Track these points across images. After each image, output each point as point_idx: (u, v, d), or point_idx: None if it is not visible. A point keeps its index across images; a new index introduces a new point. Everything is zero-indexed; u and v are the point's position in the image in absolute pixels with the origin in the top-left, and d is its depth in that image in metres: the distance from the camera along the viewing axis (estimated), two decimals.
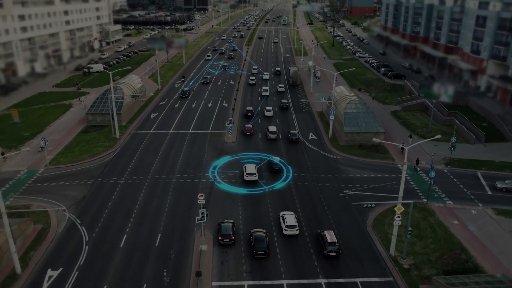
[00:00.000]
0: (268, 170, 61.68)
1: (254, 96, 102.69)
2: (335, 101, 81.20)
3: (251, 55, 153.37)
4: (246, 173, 58.31)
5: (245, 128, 75.86)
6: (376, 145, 70.85)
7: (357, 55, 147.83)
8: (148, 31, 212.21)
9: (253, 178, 57.87)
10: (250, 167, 59.36)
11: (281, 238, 46.19)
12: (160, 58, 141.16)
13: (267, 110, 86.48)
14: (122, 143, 71.15)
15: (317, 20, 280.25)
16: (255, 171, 58.60)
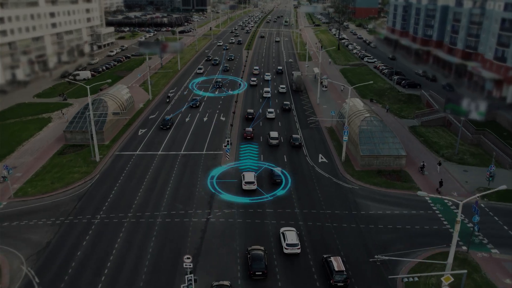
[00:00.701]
0: (269, 181, 57.57)
1: (256, 98, 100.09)
2: (347, 116, 71.37)
3: (251, 59, 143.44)
4: (244, 181, 54.88)
5: (245, 132, 73.20)
6: (397, 170, 61.04)
7: (365, 60, 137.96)
8: (143, 33, 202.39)
9: (252, 187, 54.52)
10: (248, 175, 55.97)
11: (281, 257, 42.18)
12: (154, 63, 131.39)
13: (269, 112, 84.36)
14: (102, 169, 61.27)
15: (319, 21, 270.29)
16: (254, 179, 55.17)
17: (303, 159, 65.08)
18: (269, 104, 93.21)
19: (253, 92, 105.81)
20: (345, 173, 60.25)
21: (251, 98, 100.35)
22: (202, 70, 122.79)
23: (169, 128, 76.79)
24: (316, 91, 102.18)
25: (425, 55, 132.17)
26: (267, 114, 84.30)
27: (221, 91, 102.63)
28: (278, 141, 70.06)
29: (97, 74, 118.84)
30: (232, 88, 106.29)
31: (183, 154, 66.13)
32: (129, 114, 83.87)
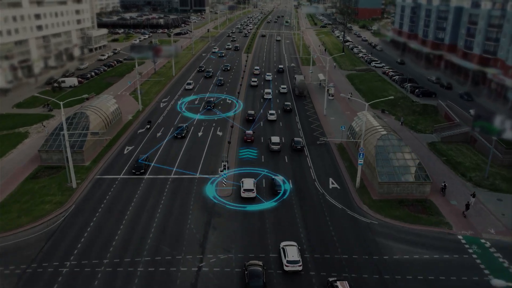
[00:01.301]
0: (270, 191, 54.43)
1: (256, 98, 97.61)
2: (360, 133, 62.96)
3: (250, 68, 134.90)
4: (243, 188, 52.50)
5: (246, 135, 71.00)
6: (421, 199, 52.66)
7: (372, 65, 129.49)
8: (138, 35, 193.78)
9: (251, 194, 52.08)
10: (247, 182, 53.61)
11: (282, 274, 39.16)
12: (147, 69, 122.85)
13: (270, 114, 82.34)
14: (78, 197, 52.79)
15: (321, 22, 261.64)
16: (253, 186, 52.78)
17: (311, 183, 56.65)
18: (270, 106, 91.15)
19: (254, 92, 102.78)
20: (361, 203, 51.80)
21: (252, 99, 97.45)
22: (191, 86, 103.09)
23: (142, 172, 58.43)
24: (321, 100, 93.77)
25: (436, 59, 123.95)
26: (268, 116, 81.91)
27: (212, 113, 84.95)
28: (279, 146, 66.80)
29: (85, 81, 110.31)
30: (226, 109, 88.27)
31: (173, 179, 57.62)
32: (116, 127, 75.41)
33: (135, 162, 60.38)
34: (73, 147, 61.61)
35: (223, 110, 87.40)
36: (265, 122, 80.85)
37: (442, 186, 54.38)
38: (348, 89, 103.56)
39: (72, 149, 61.17)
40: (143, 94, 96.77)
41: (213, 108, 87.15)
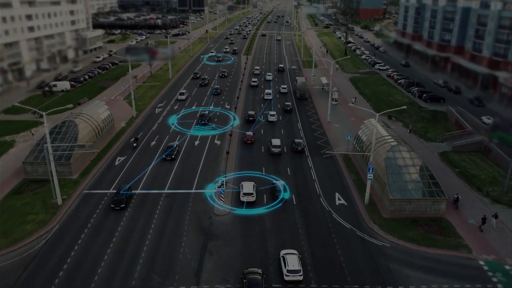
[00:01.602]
0: (270, 196, 52.90)
1: (257, 99, 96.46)
2: (367, 144, 58.79)
3: (250, 66, 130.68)
4: (242, 192, 51.04)
5: (246, 136, 69.86)
6: (436, 218, 48.45)
7: (376, 68, 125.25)
8: (134, 36, 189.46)
9: (250, 198, 50.67)
10: (247, 185, 52.06)
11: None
12: (143, 72, 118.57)
13: (271, 115, 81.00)
14: (63, 216, 48.52)
15: (322, 23, 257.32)
16: (253, 190, 51.29)
17: (316, 199, 52.40)
18: (270, 107, 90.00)
19: (254, 93, 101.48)
20: (371, 222, 47.55)
21: (252, 99, 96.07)
22: (184, 96, 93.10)
23: (122, 207, 49.81)
24: (324, 105, 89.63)
25: (443, 62, 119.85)
26: (268, 117, 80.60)
27: (206, 127, 76.46)
28: (280, 149, 65.24)
29: (78, 85, 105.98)
30: (222, 122, 79.38)
31: (166, 194, 53.32)
32: (108, 136, 71.12)
33: (115, 194, 51.13)
34: (60, 158, 57.54)
35: (221, 124, 78.28)
36: (265, 124, 79.50)
37: (455, 198, 50.55)
38: (351, 93, 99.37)
39: (59, 161, 57.12)
40: (138, 99, 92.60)
41: (207, 122, 77.99)
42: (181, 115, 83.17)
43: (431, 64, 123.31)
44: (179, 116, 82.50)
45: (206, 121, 78.19)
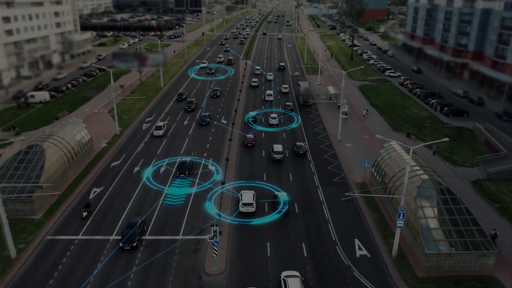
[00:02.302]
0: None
1: (257, 100, 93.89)
2: (390, 175, 49.02)
3: (248, 77, 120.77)
4: (242, 202, 48.15)
5: (246, 139, 68.00)
6: (484, 277, 38.60)
7: (387, 74, 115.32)
8: (127, 38, 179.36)
9: (249, 209, 47.83)
10: (247, 195, 49.23)
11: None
12: (132, 79, 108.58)
13: (272, 118, 78.06)
14: (15, 275, 38.56)
15: (324, 24, 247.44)
16: (253, 200, 48.41)
17: (331, 249, 42.55)
18: (272, 107, 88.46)
19: (255, 93, 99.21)
20: (403, 283, 37.69)
21: (253, 100, 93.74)
22: (162, 131, 71.10)
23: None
24: (333, 119, 79.90)
25: (459, 68, 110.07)
26: (269, 120, 77.90)
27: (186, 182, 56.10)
28: (282, 155, 62.41)
29: (59, 94, 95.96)
30: (203, 178, 57.20)
31: (147, 243, 43.35)
32: (85, 160, 61.20)
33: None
34: (21, 192, 47.65)
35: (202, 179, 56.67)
36: (267, 125, 76.91)
37: (492, 235, 41.30)
38: (361, 104, 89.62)
39: (19, 197, 47.26)
40: (124, 111, 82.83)
41: (188, 176, 57.16)
42: (156, 168, 60.05)
43: (446, 71, 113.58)
44: (155, 169, 59.58)
45: (186, 174, 57.22)
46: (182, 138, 71.30)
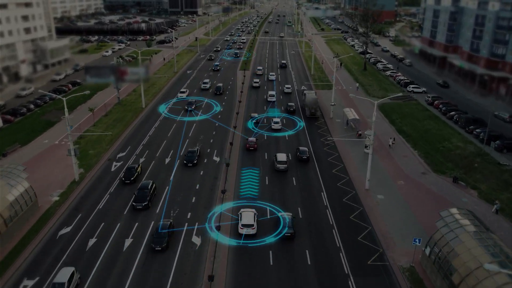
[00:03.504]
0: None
1: (259, 101, 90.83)
2: (463, 271, 32.46)
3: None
4: (241, 223, 42.79)
5: (248, 142, 64.85)
6: None
7: (409, 90, 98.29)
8: (113, 44, 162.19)
9: (250, 231, 42.36)
10: (247, 215, 43.50)
11: None
12: (110, 97, 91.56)
13: (275, 123, 74.30)
14: None
15: (329, 27, 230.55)
16: (254, 221, 42.80)
17: None
18: (274, 110, 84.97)
19: (257, 94, 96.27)
20: None
21: (255, 101, 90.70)
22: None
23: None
24: (354, 153, 63.29)
25: (495, 83, 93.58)
26: (272, 124, 73.94)
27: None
28: (287, 165, 58.39)
29: (16, 118, 78.92)
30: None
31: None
32: (22, 227, 44.36)
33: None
34: None
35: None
36: (269, 130, 73.06)
37: None
38: (385, 130, 73.14)
39: None
40: (92, 142, 66.17)
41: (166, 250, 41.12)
42: (121, 242, 42.45)
43: (480, 86, 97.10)
44: (119, 244, 42.21)
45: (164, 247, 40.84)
46: (162, 185, 54.37)
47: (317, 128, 75.41)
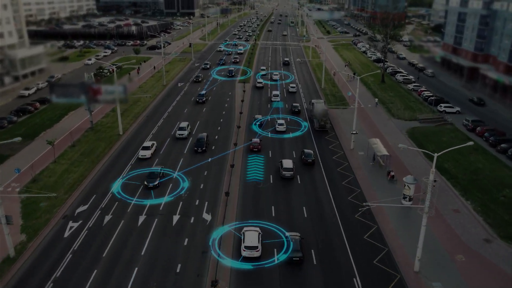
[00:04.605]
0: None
1: (263, 102, 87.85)
2: None
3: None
4: (244, 245, 38.72)
5: (252, 144, 62.38)
6: None
7: (441, 109, 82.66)
8: (98, 50, 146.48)
9: (254, 253, 38.21)
10: (250, 236, 39.31)
11: None
12: (82, 119, 76.04)
13: (279, 124, 70.90)
14: None
15: (335, 30, 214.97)
16: (258, 242, 38.72)
17: None
18: (278, 110, 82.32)
19: (260, 95, 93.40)
20: None
21: (258, 102, 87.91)
22: None
23: None
24: (391, 212, 47.93)
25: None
26: (276, 126, 71.42)
27: None
28: (293, 172, 54.33)
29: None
30: None
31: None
32: None
33: None
34: None
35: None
36: (272, 132, 70.66)
37: None
38: (419, 165, 57.96)
39: None
40: (51, 185, 50.83)
41: None
42: None
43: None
44: None
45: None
46: (127, 267, 38.98)
47: (331, 153, 60.21)
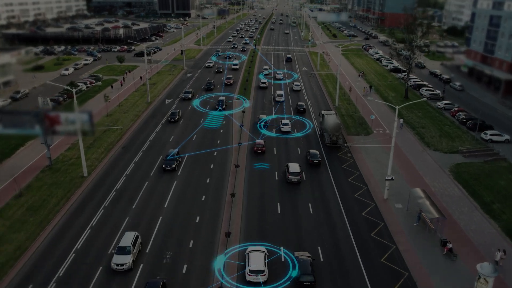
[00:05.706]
0: None
1: (267, 102, 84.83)
2: None
3: None
4: (249, 268, 34.95)
5: (256, 145, 60.34)
6: None
7: (486, 137, 67.25)
8: (80, 57, 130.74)
9: (259, 278, 34.51)
10: (256, 258, 35.60)
11: None
12: (38, 155, 60.30)
13: (284, 125, 68.85)
14: None
15: (341, 33, 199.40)
16: (265, 265, 35.01)
17: None
18: (282, 109, 79.58)
19: (264, 95, 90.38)
20: None
21: (262, 102, 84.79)
22: None
23: None
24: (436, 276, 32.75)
25: None
26: (281, 126, 68.75)
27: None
28: (300, 176, 52.12)
29: None
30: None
31: None
32: None
33: None
34: None
35: None
36: (277, 132, 67.51)
37: None
38: (474, 218, 42.83)
39: None
40: None
41: None
42: None
43: None
44: None
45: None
46: None
47: (357, 205, 44.95)
